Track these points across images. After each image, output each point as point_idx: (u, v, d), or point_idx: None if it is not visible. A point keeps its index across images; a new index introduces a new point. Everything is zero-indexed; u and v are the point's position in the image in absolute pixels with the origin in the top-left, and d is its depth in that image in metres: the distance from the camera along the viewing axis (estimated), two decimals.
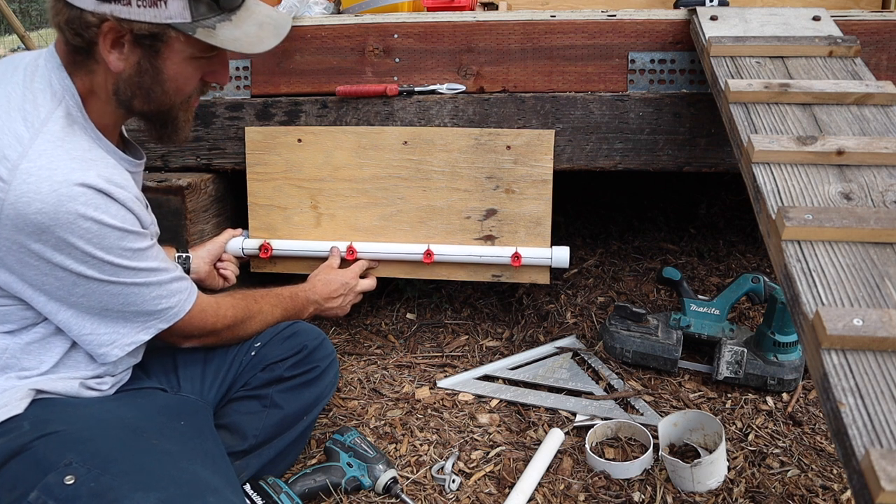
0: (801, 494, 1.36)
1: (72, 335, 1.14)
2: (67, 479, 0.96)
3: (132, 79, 1.12)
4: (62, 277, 1.07)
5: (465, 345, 1.96)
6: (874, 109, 1.31)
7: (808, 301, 0.91)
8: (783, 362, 1.65)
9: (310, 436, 1.55)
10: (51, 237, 1.02)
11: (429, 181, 1.80)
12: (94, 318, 1.12)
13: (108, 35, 1.06)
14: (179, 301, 1.21)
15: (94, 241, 1.05)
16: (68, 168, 1.02)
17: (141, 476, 0.99)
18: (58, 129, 1.05)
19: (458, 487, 1.42)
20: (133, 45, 1.08)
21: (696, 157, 1.78)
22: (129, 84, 1.12)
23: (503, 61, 1.81)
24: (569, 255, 1.75)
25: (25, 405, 1.07)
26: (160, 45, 1.09)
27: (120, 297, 1.12)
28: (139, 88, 1.13)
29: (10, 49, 11.66)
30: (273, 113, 1.89)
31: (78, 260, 1.05)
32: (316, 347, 1.45)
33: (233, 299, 1.38)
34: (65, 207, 1.01)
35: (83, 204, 1.02)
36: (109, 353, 1.15)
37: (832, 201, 1.08)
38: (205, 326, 1.29)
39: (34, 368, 1.13)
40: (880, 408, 0.76)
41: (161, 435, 1.12)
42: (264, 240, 1.84)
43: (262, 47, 1.17)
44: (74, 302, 1.10)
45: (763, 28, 1.62)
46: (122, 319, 1.15)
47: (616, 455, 1.51)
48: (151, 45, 1.09)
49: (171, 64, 1.12)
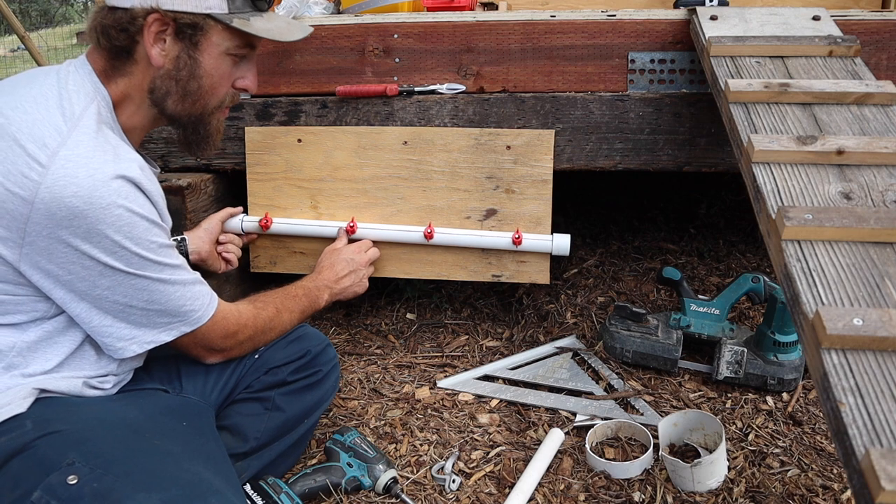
0: (802, 494, 1.36)
1: (89, 328, 1.13)
2: (70, 479, 0.96)
3: (170, 73, 1.17)
4: (89, 267, 1.07)
5: (465, 345, 1.96)
6: (874, 109, 1.31)
7: (808, 301, 0.91)
8: (783, 362, 1.65)
9: (310, 438, 1.55)
10: (82, 223, 1.03)
11: (429, 181, 1.80)
12: (115, 313, 1.13)
13: (152, 27, 1.13)
14: (203, 305, 1.21)
15: (123, 231, 1.06)
16: (103, 158, 1.06)
17: (143, 476, 0.99)
18: (92, 124, 1.09)
19: (458, 487, 1.42)
20: (175, 39, 1.15)
21: (696, 157, 1.78)
22: (167, 79, 1.18)
23: (503, 61, 1.81)
24: (569, 244, 1.74)
25: (28, 404, 1.07)
26: (199, 36, 1.16)
27: (144, 293, 1.13)
28: (176, 83, 1.18)
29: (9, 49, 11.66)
30: (273, 113, 1.89)
31: (107, 250, 1.06)
32: (319, 352, 1.45)
33: (253, 307, 1.37)
34: (99, 192, 1.03)
35: (116, 191, 1.05)
36: (127, 348, 1.15)
37: (832, 201, 1.08)
38: (227, 335, 1.28)
39: (39, 366, 1.12)
40: (880, 407, 0.76)
41: (163, 435, 1.12)
42: (265, 214, 1.83)
43: (293, 37, 1.30)
44: (98, 295, 1.10)
45: (763, 28, 1.62)
46: (144, 317, 1.15)
47: (616, 455, 1.51)
48: (192, 37, 1.16)
49: (208, 57, 1.19)
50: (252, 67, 1.29)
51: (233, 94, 1.29)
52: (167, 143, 1.95)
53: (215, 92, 1.24)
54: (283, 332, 1.43)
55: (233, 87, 1.27)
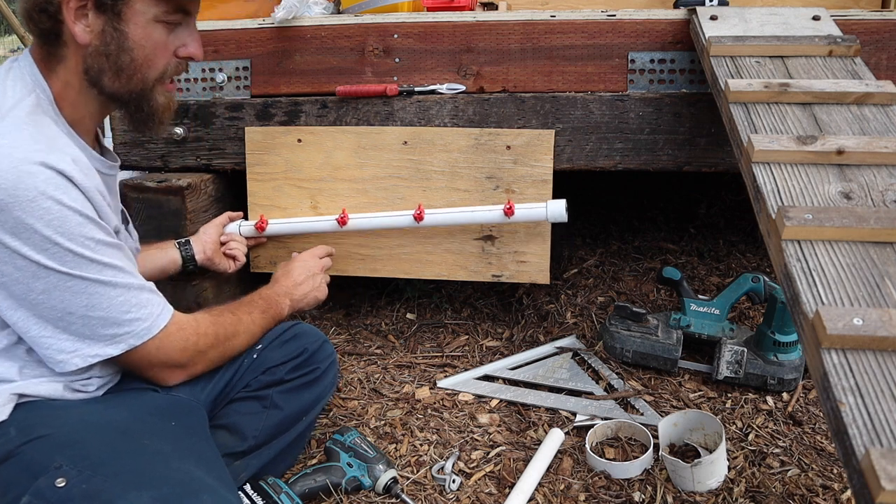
0: (802, 494, 1.36)
1: (28, 338, 1.06)
2: (58, 482, 0.94)
3: (98, 50, 1.10)
4: (22, 268, 1.01)
5: (465, 345, 1.96)
6: (874, 109, 1.31)
7: (808, 300, 0.91)
8: (783, 362, 1.65)
9: (309, 436, 1.55)
10: (8, 218, 0.98)
11: (429, 181, 1.80)
12: (55, 322, 1.05)
13: (70, 3, 1.06)
14: (151, 315, 1.12)
15: (53, 225, 1.00)
16: (31, 148, 1.00)
17: (133, 476, 0.98)
18: (23, 115, 1.04)
19: (459, 487, 1.42)
20: (96, 12, 1.08)
21: (695, 157, 1.78)
22: (97, 56, 1.10)
23: (503, 61, 1.81)
24: (565, 209, 1.67)
25: (9, 411, 1.05)
26: (120, 5, 1.08)
27: (83, 297, 1.05)
28: (107, 59, 1.11)
29: (10, 49, 11.67)
30: (273, 113, 1.89)
31: (37, 247, 1.00)
32: (316, 350, 1.45)
33: (211, 316, 1.29)
34: (24, 184, 0.98)
35: (43, 181, 0.99)
36: (68, 361, 1.08)
37: (832, 201, 1.08)
38: (186, 346, 1.21)
39: (12, 372, 1.09)
40: (880, 407, 0.76)
41: (153, 435, 1.10)
42: (259, 216, 1.83)
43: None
44: (34, 301, 1.03)
45: (763, 28, 1.62)
46: (85, 327, 1.07)
47: (616, 455, 1.51)
48: (113, 7, 1.08)
49: (135, 27, 1.10)
50: (193, 33, 1.18)
51: (176, 64, 1.18)
52: (167, 144, 1.95)
53: (152, 63, 1.14)
54: (252, 339, 1.37)
55: (175, 56, 1.18)
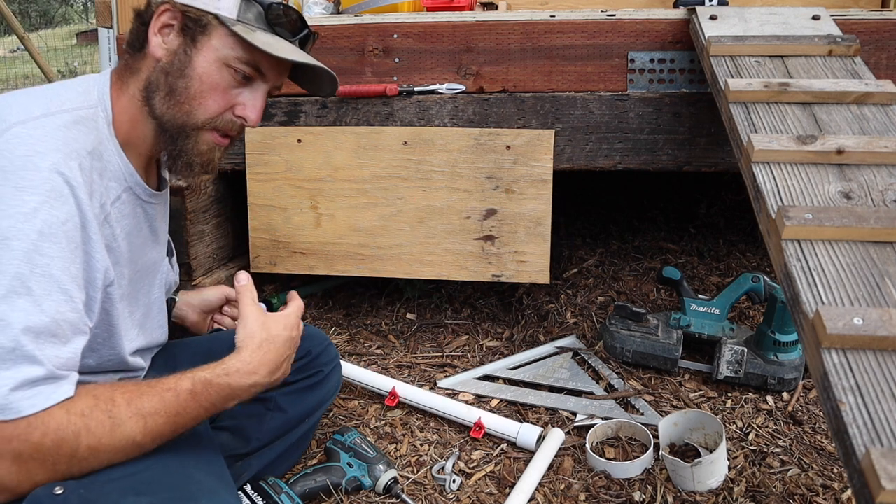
0: (802, 494, 1.36)
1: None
2: (56, 490, 0.93)
3: (164, 67, 1.10)
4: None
5: (465, 345, 1.96)
6: (874, 108, 1.31)
7: (808, 300, 0.91)
8: (783, 361, 1.65)
9: (311, 438, 1.55)
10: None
11: (429, 181, 1.81)
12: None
13: (161, 17, 1.10)
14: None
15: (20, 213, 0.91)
16: (54, 147, 0.98)
17: (131, 482, 0.97)
18: (67, 120, 1.03)
19: (459, 487, 1.42)
20: (178, 33, 1.11)
21: (695, 157, 1.78)
22: (160, 73, 1.11)
23: (503, 61, 1.81)
24: (536, 440, 1.50)
25: None
26: (199, 32, 1.10)
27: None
28: (165, 77, 1.10)
29: (9, 50, 11.66)
30: (273, 113, 1.89)
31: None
32: (320, 352, 1.45)
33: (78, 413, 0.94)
34: (28, 172, 0.94)
35: (45, 176, 0.95)
36: None
37: (832, 200, 1.08)
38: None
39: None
40: (880, 407, 0.76)
41: None
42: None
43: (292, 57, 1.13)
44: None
45: (762, 27, 1.62)
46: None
47: (616, 455, 1.51)
48: (193, 33, 1.10)
49: (203, 59, 1.10)
50: (258, 99, 1.15)
51: (230, 119, 1.14)
52: None
53: (203, 101, 1.11)
54: (125, 454, 0.98)
55: (232, 110, 1.14)
